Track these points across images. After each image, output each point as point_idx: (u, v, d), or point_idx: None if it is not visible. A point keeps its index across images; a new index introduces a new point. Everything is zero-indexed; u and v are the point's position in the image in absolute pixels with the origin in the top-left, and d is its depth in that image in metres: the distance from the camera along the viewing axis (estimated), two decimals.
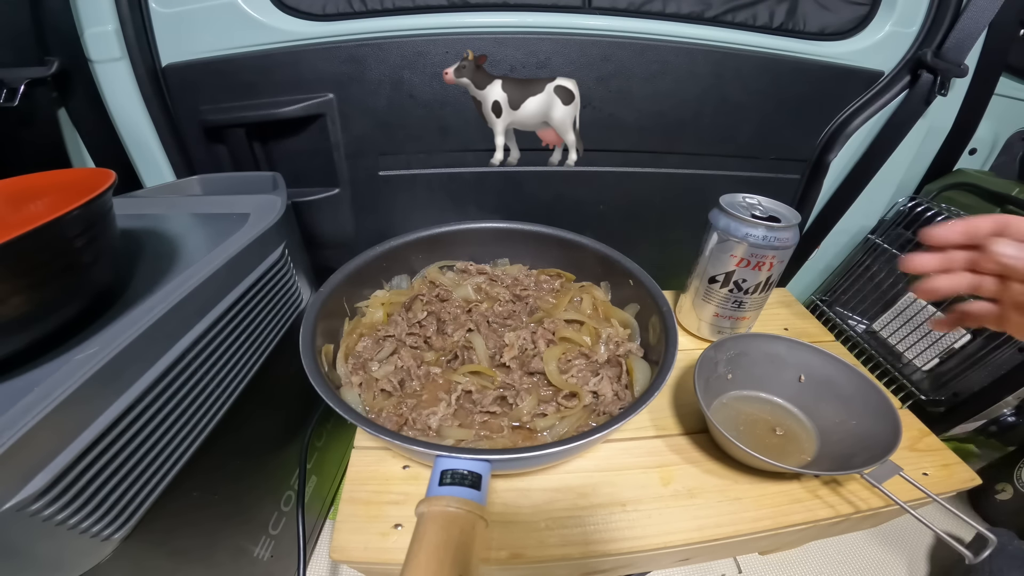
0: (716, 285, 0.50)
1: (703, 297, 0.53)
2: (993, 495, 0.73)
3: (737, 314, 0.52)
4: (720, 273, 0.49)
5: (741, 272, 0.48)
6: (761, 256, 0.46)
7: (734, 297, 0.50)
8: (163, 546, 0.37)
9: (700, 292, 0.53)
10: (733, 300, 0.50)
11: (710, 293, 0.52)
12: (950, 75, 0.61)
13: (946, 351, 0.66)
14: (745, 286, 0.49)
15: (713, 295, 0.51)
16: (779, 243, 0.46)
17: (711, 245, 0.49)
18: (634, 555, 0.37)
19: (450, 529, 0.29)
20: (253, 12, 0.56)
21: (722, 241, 0.47)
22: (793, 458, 0.43)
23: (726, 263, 0.48)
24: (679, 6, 0.59)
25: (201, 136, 0.63)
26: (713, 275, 0.50)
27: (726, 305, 0.51)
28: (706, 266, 0.51)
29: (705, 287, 0.52)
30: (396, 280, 0.56)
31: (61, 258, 0.30)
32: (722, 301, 0.51)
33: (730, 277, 0.49)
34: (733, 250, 0.47)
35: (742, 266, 0.47)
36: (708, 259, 0.50)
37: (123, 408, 0.31)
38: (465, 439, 0.40)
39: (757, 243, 0.45)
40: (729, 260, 0.48)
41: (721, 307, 0.52)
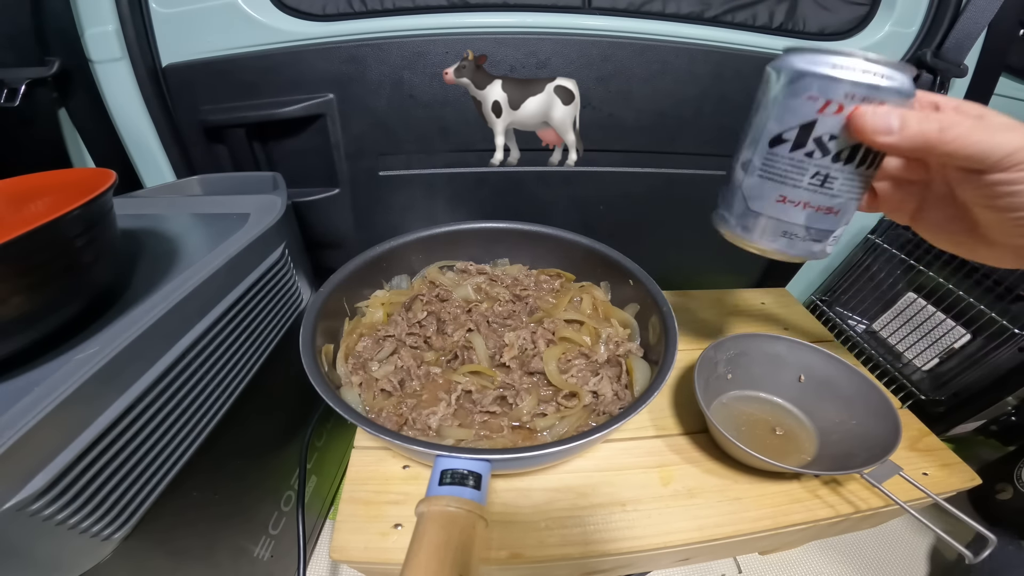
0: (783, 147, 0.30)
1: (759, 173, 0.31)
2: (993, 495, 0.73)
3: (822, 200, 0.30)
4: (791, 128, 0.29)
5: (827, 123, 0.28)
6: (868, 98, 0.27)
7: (816, 167, 0.29)
8: (163, 546, 0.37)
9: (753, 167, 0.32)
10: (814, 173, 0.30)
11: (772, 163, 0.31)
12: (950, 75, 0.61)
13: (946, 351, 0.66)
14: (836, 148, 0.29)
15: (777, 165, 0.31)
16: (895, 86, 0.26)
17: (775, 91, 0.30)
18: (634, 555, 0.37)
19: (450, 529, 0.29)
20: (253, 12, 0.56)
21: (796, 81, 0.29)
22: (793, 458, 0.43)
23: (801, 110, 0.29)
24: (679, 6, 0.59)
25: (201, 136, 0.63)
26: (779, 132, 0.30)
27: (800, 182, 0.30)
28: (766, 122, 0.30)
29: (763, 155, 0.31)
30: (396, 280, 0.56)
31: (61, 258, 0.30)
32: (794, 176, 0.30)
33: (808, 132, 0.29)
34: (813, 89, 0.28)
35: (830, 113, 0.28)
36: (770, 111, 0.30)
37: (123, 408, 0.31)
38: (465, 439, 0.40)
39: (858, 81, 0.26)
40: (806, 105, 0.28)
41: (792, 186, 0.31)
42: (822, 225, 0.32)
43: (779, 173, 0.31)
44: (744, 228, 0.34)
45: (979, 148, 0.22)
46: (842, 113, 0.28)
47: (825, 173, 0.30)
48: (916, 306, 0.69)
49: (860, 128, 0.26)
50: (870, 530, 0.46)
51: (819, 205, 0.31)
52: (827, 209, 0.31)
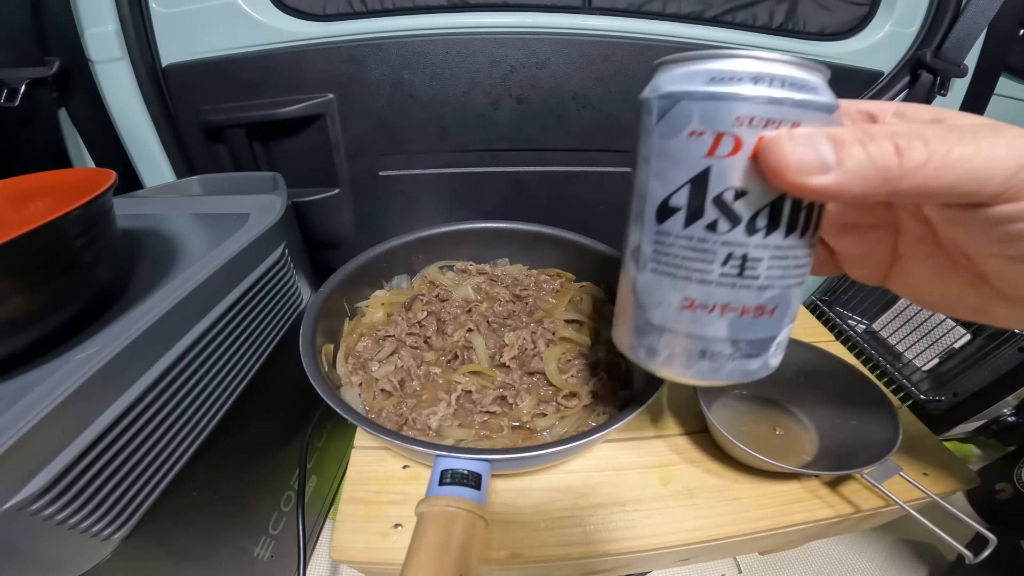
0: (675, 221, 0.21)
1: (652, 265, 0.22)
2: (993, 495, 0.73)
3: (747, 298, 0.21)
4: (678, 187, 0.20)
5: (726, 171, 0.19)
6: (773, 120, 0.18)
7: (726, 246, 0.20)
8: (163, 546, 0.37)
9: (644, 257, 0.23)
10: (726, 257, 0.20)
11: (665, 247, 0.21)
12: (950, 75, 0.61)
13: (946, 351, 0.66)
14: (748, 211, 0.19)
15: (672, 251, 0.21)
16: (810, 97, 0.18)
17: (649, 131, 0.21)
18: (634, 555, 0.37)
19: (450, 529, 0.29)
20: (253, 12, 0.56)
21: (668, 111, 0.20)
22: (793, 458, 0.43)
23: (685, 156, 0.20)
24: (679, 6, 0.59)
25: (201, 136, 0.63)
26: (665, 197, 0.21)
27: (709, 273, 0.21)
28: (647, 184, 0.21)
29: (652, 237, 0.22)
30: (396, 280, 0.56)
31: (61, 258, 0.30)
32: (698, 265, 0.21)
33: (703, 190, 0.20)
34: (694, 120, 0.19)
35: (725, 153, 0.19)
36: (650, 164, 0.21)
37: (123, 408, 0.31)
38: (465, 439, 0.40)
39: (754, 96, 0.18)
40: (690, 147, 0.19)
41: (699, 281, 0.21)
42: (755, 334, 0.21)
43: (677, 263, 0.21)
44: (647, 351, 0.24)
45: (968, 173, 0.14)
46: (742, 150, 0.18)
47: (742, 254, 0.20)
48: (916, 306, 0.69)
49: (774, 168, 0.16)
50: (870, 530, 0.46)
51: (744, 305, 0.21)
52: (757, 309, 0.21)
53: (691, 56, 0.20)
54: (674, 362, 0.23)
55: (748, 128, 0.18)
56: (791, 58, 0.18)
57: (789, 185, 0.16)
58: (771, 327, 0.22)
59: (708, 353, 0.22)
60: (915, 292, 0.21)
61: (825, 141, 0.16)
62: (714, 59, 0.19)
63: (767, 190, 0.19)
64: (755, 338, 0.22)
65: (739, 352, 0.22)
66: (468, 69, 0.59)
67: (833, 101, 0.19)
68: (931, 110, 0.18)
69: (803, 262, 0.21)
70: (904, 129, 0.15)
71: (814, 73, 0.19)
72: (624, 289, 0.25)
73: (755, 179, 0.19)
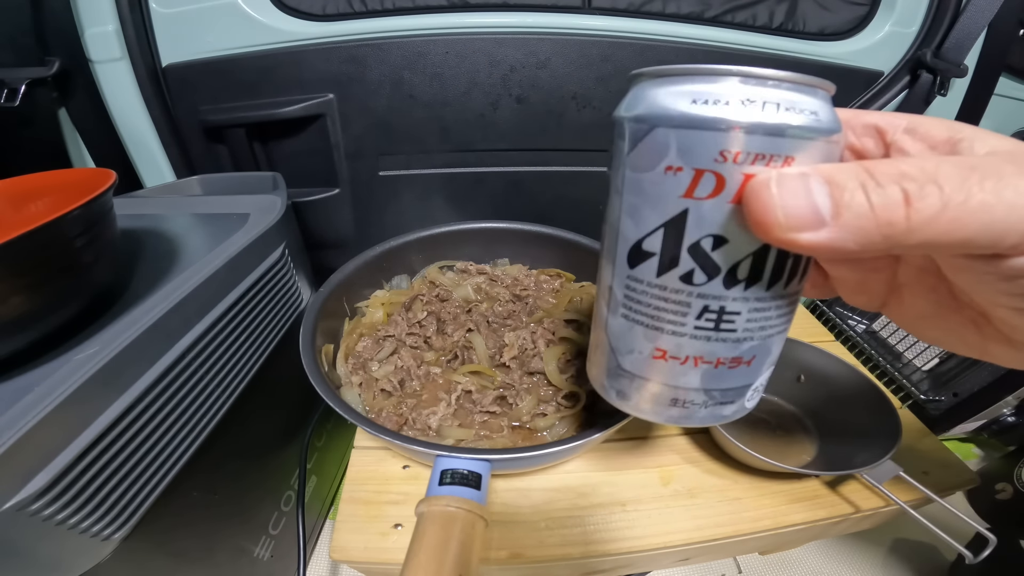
0: (647, 267, 0.19)
1: (623, 311, 0.21)
2: (993, 495, 0.73)
3: (722, 351, 0.19)
4: (652, 230, 0.18)
5: (704, 215, 0.16)
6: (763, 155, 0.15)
7: (702, 299, 0.18)
8: (163, 546, 0.37)
9: (615, 301, 0.21)
10: (702, 310, 0.18)
11: (637, 295, 0.20)
12: (950, 75, 0.61)
13: (946, 351, 0.66)
14: (727, 262, 0.17)
15: (644, 299, 0.19)
16: (809, 123, 0.15)
17: (622, 161, 0.19)
18: (634, 555, 0.37)
19: (450, 529, 0.29)
20: (253, 12, 0.56)
21: (642, 139, 0.17)
22: (793, 458, 0.43)
23: (660, 194, 0.17)
24: (679, 6, 0.59)
25: (201, 136, 0.63)
26: (638, 240, 0.19)
27: (683, 326, 0.19)
28: (618, 222, 0.19)
29: (624, 281, 0.20)
30: (396, 280, 0.56)
31: (61, 258, 0.30)
32: (671, 317, 0.19)
33: (679, 236, 0.17)
34: (671, 152, 0.16)
35: (705, 193, 0.16)
36: (622, 198, 0.19)
37: (123, 408, 0.31)
38: (465, 439, 0.40)
39: (742, 124, 0.15)
40: (666, 184, 0.17)
41: (671, 333, 0.19)
42: (730, 383, 0.20)
43: (649, 313, 0.19)
44: (618, 393, 0.23)
45: (986, 225, 0.12)
46: (724, 192, 0.16)
47: (718, 307, 0.18)
48: None
49: (758, 222, 0.14)
50: (870, 530, 0.46)
51: (719, 358, 0.19)
52: (733, 361, 0.19)
53: (670, 71, 0.16)
54: (645, 407, 0.22)
55: (733, 165, 0.15)
56: (788, 76, 0.15)
57: (775, 241, 0.14)
58: (748, 376, 0.20)
59: (680, 401, 0.21)
60: (912, 324, 0.19)
61: (821, 187, 0.13)
62: (696, 77, 0.16)
63: (751, 239, 0.16)
64: (730, 387, 0.21)
65: (712, 401, 0.21)
66: (468, 69, 0.59)
67: (835, 124, 0.16)
68: (946, 128, 0.16)
69: (786, 310, 0.19)
70: (915, 169, 0.12)
71: (815, 93, 0.16)
72: (597, 324, 0.23)
73: (737, 227, 0.16)
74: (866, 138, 0.17)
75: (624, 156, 0.18)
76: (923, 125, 0.16)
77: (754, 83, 0.15)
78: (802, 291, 0.19)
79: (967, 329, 0.17)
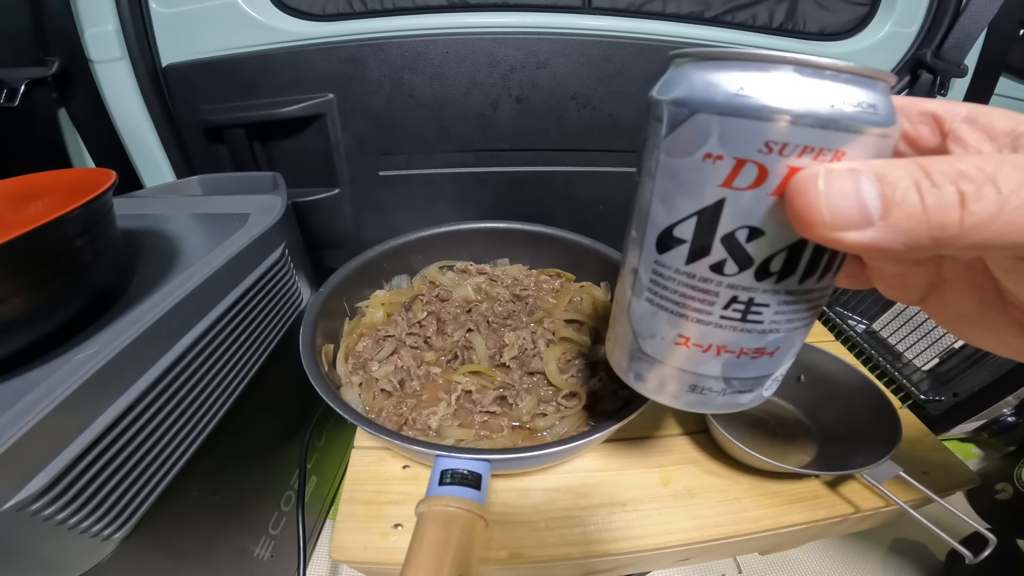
0: (677, 255, 0.18)
1: (648, 295, 0.20)
2: (993, 495, 0.73)
3: (746, 341, 0.19)
4: (684, 217, 0.17)
5: (742, 206, 0.16)
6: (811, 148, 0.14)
7: (731, 290, 0.18)
8: (163, 546, 0.37)
9: (640, 284, 0.21)
10: (730, 300, 0.18)
11: (663, 281, 0.19)
12: (950, 75, 0.61)
13: (946, 351, 0.66)
14: (761, 254, 0.16)
15: (670, 286, 0.19)
16: (865, 115, 0.14)
17: (657, 144, 0.18)
18: (634, 555, 0.37)
19: (450, 529, 0.29)
20: (253, 12, 0.56)
21: (681, 124, 0.16)
22: (793, 458, 0.43)
23: (696, 182, 0.17)
24: (679, 6, 0.59)
25: (201, 136, 0.63)
26: (668, 226, 0.18)
27: (709, 315, 0.18)
28: (649, 206, 0.19)
29: (651, 266, 0.20)
30: (396, 280, 0.56)
31: (61, 258, 0.30)
32: (697, 305, 0.19)
33: (712, 226, 0.17)
34: (712, 139, 0.16)
35: (746, 184, 0.15)
36: (655, 183, 0.18)
37: (123, 408, 0.31)
38: (465, 439, 0.40)
39: (793, 115, 0.14)
40: (703, 172, 0.16)
41: (696, 321, 0.19)
42: (751, 373, 0.20)
43: (675, 299, 0.19)
44: (637, 376, 0.23)
45: None
46: (766, 184, 0.15)
47: (747, 298, 0.17)
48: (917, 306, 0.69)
49: (802, 218, 0.13)
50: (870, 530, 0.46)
51: (742, 348, 0.19)
52: (756, 351, 0.19)
53: (717, 54, 0.15)
54: (663, 392, 0.22)
55: (778, 157, 0.14)
56: (847, 67, 0.14)
57: (817, 239, 0.13)
58: (769, 366, 0.20)
59: (699, 388, 0.21)
60: (952, 322, 0.18)
61: (871, 185, 0.12)
62: (747, 63, 0.15)
63: (789, 233, 0.16)
64: (750, 376, 0.20)
65: (731, 389, 0.21)
66: (468, 69, 0.59)
67: (891, 117, 0.15)
68: (1009, 119, 0.14)
69: (815, 304, 0.18)
70: (974, 169, 0.12)
71: (874, 85, 0.15)
72: (619, 306, 0.23)
73: (776, 220, 0.15)
74: (922, 126, 0.16)
75: (660, 139, 0.17)
76: (985, 115, 0.15)
77: (810, 73, 0.14)
78: (834, 285, 0.19)
79: (1010, 330, 0.16)
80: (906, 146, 0.17)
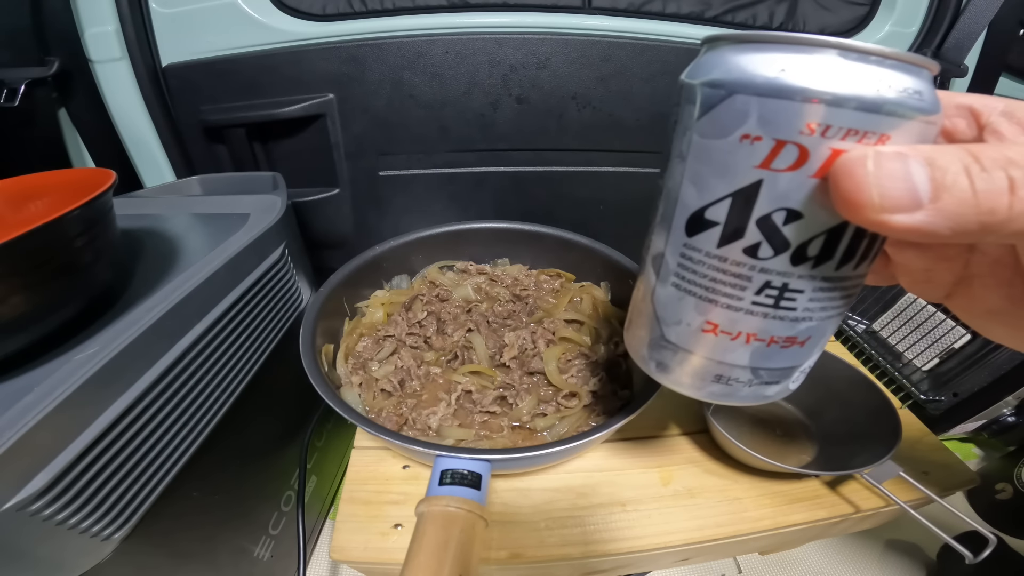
0: (708, 237, 0.18)
1: (675, 280, 0.20)
2: (993, 495, 0.73)
3: (778, 329, 0.18)
4: (718, 199, 0.17)
5: (781, 188, 0.16)
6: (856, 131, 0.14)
7: (764, 275, 0.17)
8: (163, 546, 0.37)
9: (666, 268, 0.20)
10: (763, 285, 0.17)
11: (692, 264, 0.19)
12: (949, 75, 0.61)
13: (946, 351, 0.66)
14: (799, 238, 0.16)
15: (700, 270, 0.19)
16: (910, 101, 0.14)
17: (689, 125, 0.18)
18: (634, 555, 0.37)
19: (450, 529, 0.29)
20: (253, 12, 0.56)
21: (717, 105, 0.16)
22: (793, 458, 0.43)
23: (731, 163, 0.16)
24: (679, 6, 0.59)
25: (201, 136, 0.63)
26: (700, 208, 0.18)
27: (740, 300, 0.18)
28: (679, 187, 0.18)
29: (679, 249, 0.19)
30: (396, 280, 0.56)
31: (61, 258, 0.30)
32: (728, 290, 0.18)
33: (748, 207, 0.16)
34: (750, 120, 0.15)
35: (785, 165, 0.15)
36: (686, 163, 0.18)
37: (123, 408, 0.31)
38: (465, 439, 0.40)
39: (837, 97, 0.14)
40: (740, 153, 0.16)
41: (726, 307, 0.18)
42: (780, 363, 0.19)
43: (703, 284, 0.18)
44: (659, 365, 0.22)
45: None
46: (807, 165, 0.15)
47: (781, 283, 0.17)
48: (916, 306, 0.69)
49: (848, 200, 0.13)
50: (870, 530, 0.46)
51: (772, 336, 0.18)
52: (787, 340, 0.18)
53: (756, 36, 0.15)
54: (686, 382, 0.21)
55: (820, 139, 0.14)
56: (893, 53, 0.14)
57: (864, 221, 0.13)
58: (798, 357, 0.20)
59: (724, 378, 0.20)
60: (979, 319, 0.18)
61: (921, 168, 0.12)
62: (789, 46, 0.15)
63: (828, 216, 0.15)
64: (779, 367, 0.20)
65: (758, 380, 0.20)
66: (468, 69, 0.59)
67: (936, 105, 0.15)
68: None
69: (850, 292, 0.18)
70: (1022, 155, 0.12)
71: (919, 72, 0.15)
72: (641, 293, 0.22)
73: (816, 202, 0.15)
74: (958, 119, 0.16)
75: (692, 121, 0.17)
76: (1021, 109, 0.15)
77: (855, 57, 0.14)
78: (867, 273, 0.18)
79: None
80: (942, 139, 0.17)
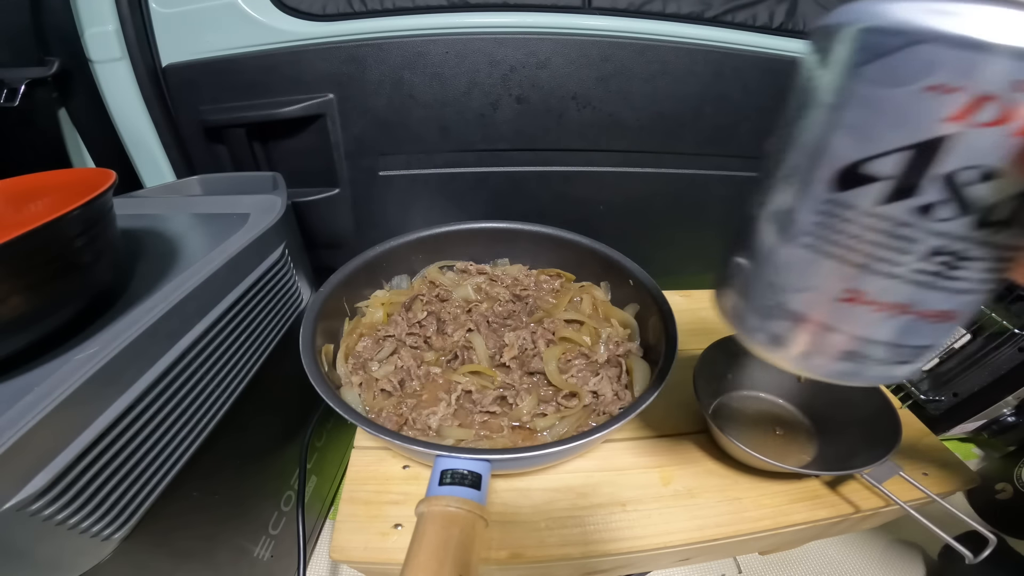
0: (867, 193, 0.15)
1: (807, 239, 0.17)
2: (993, 495, 0.73)
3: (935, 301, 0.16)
4: (889, 151, 0.15)
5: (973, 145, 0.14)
6: None
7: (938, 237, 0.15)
8: (163, 546, 0.37)
9: (796, 227, 0.18)
10: (932, 250, 0.15)
11: (837, 222, 0.16)
12: None
13: (946, 351, 0.66)
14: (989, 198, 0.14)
15: (849, 228, 0.16)
16: None
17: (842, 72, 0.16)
18: (634, 555, 0.37)
19: (450, 529, 0.29)
20: (253, 12, 0.56)
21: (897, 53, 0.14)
22: (793, 458, 0.43)
23: (911, 115, 0.14)
24: (679, 6, 0.59)
25: (201, 136, 0.63)
26: (858, 160, 0.15)
27: (898, 265, 0.16)
28: (825, 139, 0.16)
29: (818, 206, 0.17)
30: (396, 280, 0.56)
31: (61, 258, 0.30)
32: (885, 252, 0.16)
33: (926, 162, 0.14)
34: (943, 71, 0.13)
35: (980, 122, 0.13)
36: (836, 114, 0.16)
37: (123, 408, 0.31)
38: (465, 439, 0.40)
39: None
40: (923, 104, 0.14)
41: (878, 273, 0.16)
42: (923, 340, 0.17)
43: (851, 245, 0.16)
44: (771, 338, 0.19)
45: None
46: (1011, 124, 0.14)
47: (954, 249, 0.15)
48: None
49: None
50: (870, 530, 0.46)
51: (928, 309, 0.16)
52: (941, 315, 0.16)
53: None
54: (804, 357, 0.19)
55: None
56: None
57: None
58: (943, 334, 0.17)
59: (857, 355, 0.17)
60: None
61: None
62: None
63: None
64: (920, 344, 0.17)
65: (894, 358, 0.17)
66: (468, 69, 0.59)
67: None
68: None
69: (1009, 263, 0.16)
70: None
71: None
72: (750, 253, 0.19)
73: (1016, 162, 0.14)
74: None
75: (849, 68, 0.15)
76: None
77: None
78: None
79: None
80: None
